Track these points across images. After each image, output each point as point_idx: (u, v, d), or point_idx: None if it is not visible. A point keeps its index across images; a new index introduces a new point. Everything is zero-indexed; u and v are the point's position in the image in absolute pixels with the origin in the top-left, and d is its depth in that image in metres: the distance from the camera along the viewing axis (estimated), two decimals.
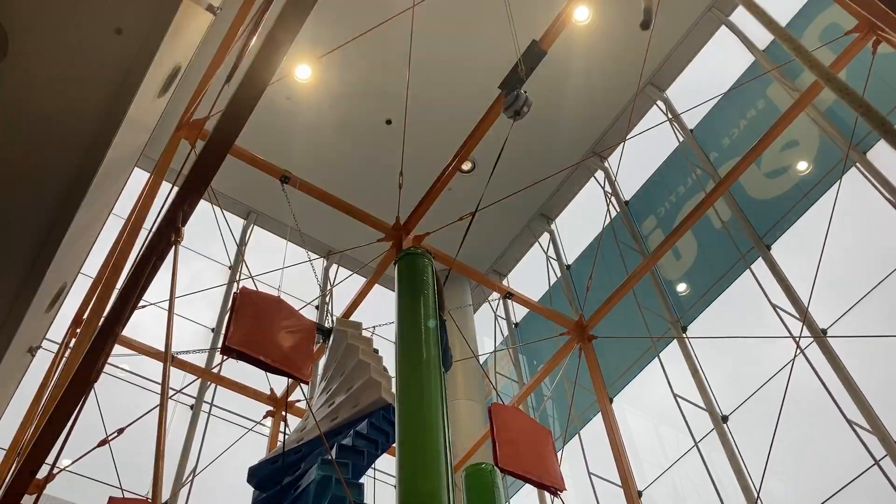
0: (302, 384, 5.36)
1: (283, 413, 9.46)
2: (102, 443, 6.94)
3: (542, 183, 11.97)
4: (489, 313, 15.90)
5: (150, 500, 3.81)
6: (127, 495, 7.63)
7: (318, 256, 15.23)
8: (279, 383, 9.56)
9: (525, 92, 7.39)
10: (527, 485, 7.47)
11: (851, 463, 8.29)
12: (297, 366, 5.16)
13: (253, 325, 5.10)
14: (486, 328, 15.83)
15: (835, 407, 8.42)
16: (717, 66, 13.12)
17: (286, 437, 6.25)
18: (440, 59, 12.80)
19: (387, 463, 9.79)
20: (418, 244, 8.68)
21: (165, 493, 9.41)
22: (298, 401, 9.95)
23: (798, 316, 9.38)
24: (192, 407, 11.70)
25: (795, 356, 8.20)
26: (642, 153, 12.93)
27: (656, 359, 11.50)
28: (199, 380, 11.12)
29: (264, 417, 9.96)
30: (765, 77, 11.14)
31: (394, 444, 4.87)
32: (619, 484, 8.69)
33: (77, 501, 9.49)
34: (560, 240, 15.36)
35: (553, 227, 15.65)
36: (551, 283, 14.83)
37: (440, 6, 12.11)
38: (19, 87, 4.76)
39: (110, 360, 4.83)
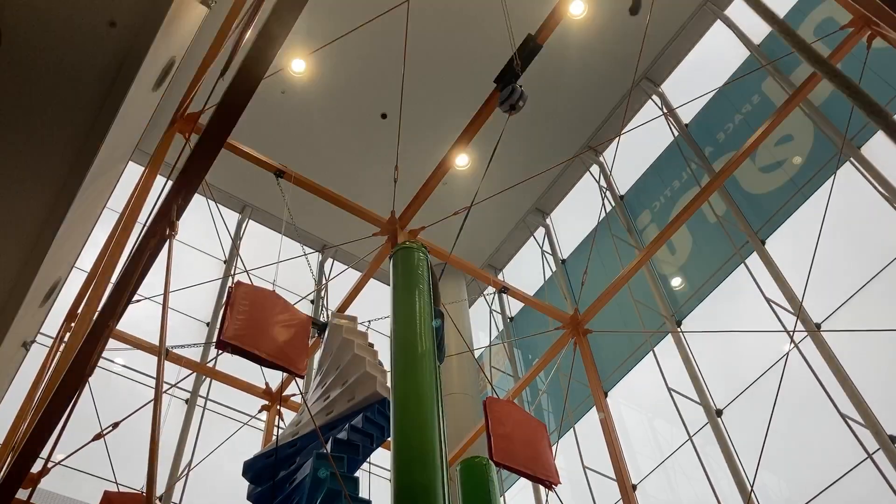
0: (297, 378, 5.37)
1: (279, 407, 9.47)
2: (97, 437, 6.93)
3: (537, 177, 11.98)
4: (484, 307, 15.91)
5: (145, 495, 3.81)
6: (122, 489, 7.63)
7: (313, 251, 15.22)
8: (274, 377, 9.56)
9: (520, 86, 7.39)
10: (522, 478, 7.49)
11: (845, 456, 8.32)
12: (292, 360, 5.16)
13: (248, 320, 5.11)
14: (481, 322, 15.84)
15: (828, 401, 8.45)
16: (712, 60, 13.13)
17: (281, 431, 6.25)
18: (435, 53, 12.78)
19: (382, 457, 9.81)
20: (413, 238, 8.68)
21: (160, 488, 9.41)
22: (293, 395, 9.95)
23: (792, 310, 9.40)
24: (186, 401, 11.69)
25: (789, 350, 8.23)
26: (637, 148, 12.93)
27: (651, 353, 11.53)
28: (194, 374, 11.11)
29: (259, 412, 9.96)
30: (760, 72, 11.15)
31: (389, 438, 4.88)
32: (614, 477, 8.71)
33: (72, 495, 9.48)
34: (555, 234, 15.38)
35: (548, 221, 15.67)
36: (546, 278, 14.85)
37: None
38: (12, 80, 4.74)
39: (105, 354, 4.82)
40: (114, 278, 6.81)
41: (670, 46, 13.35)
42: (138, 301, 6.73)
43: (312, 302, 14.07)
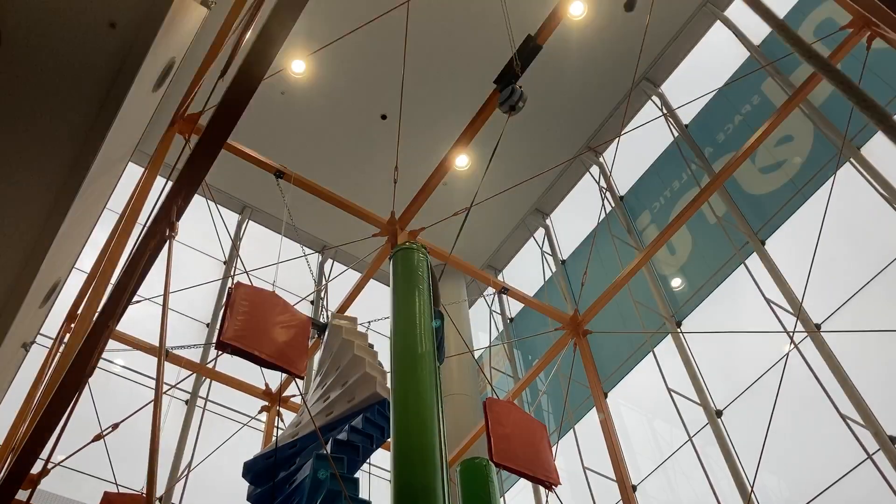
0: (297, 379, 5.36)
1: (278, 408, 9.47)
2: (97, 438, 6.94)
3: (537, 178, 11.98)
4: (484, 308, 15.91)
5: (145, 495, 3.81)
6: (122, 490, 7.63)
7: (313, 251, 15.22)
8: (274, 378, 9.56)
9: (520, 87, 7.39)
10: (521, 479, 7.49)
11: (845, 457, 8.32)
12: (292, 361, 5.16)
13: (248, 321, 5.11)
14: (481, 323, 15.84)
15: (828, 401, 8.45)
16: (712, 61, 13.13)
17: (281, 431, 6.26)
18: (435, 54, 12.78)
19: (382, 457, 9.80)
20: (413, 239, 8.68)
21: (160, 489, 9.40)
22: (293, 396, 9.95)
23: (792, 311, 9.40)
24: (186, 402, 11.68)
25: (789, 351, 8.23)
26: (637, 148, 12.94)
27: (651, 353, 11.53)
28: (194, 375, 11.11)
29: (259, 412, 9.96)
30: (759, 72, 11.15)
31: (388, 439, 4.88)
32: (614, 478, 8.71)
33: (72, 496, 9.48)
34: (555, 235, 15.38)
35: (548, 222, 15.67)
36: (546, 278, 14.85)
37: (435, 0, 12.11)
38: (12, 81, 4.74)
39: (105, 355, 4.82)
40: (114, 279, 6.81)
41: (670, 47, 13.35)
42: (138, 302, 6.73)
43: (312, 303, 14.07)
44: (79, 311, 8.22)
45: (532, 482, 7.45)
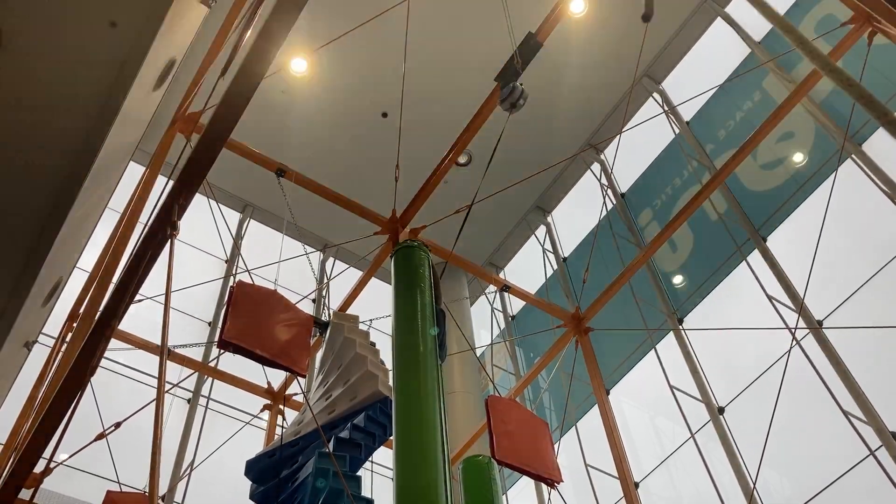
0: (299, 377, 5.37)
1: (281, 406, 9.48)
2: (100, 437, 6.94)
3: (538, 175, 11.96)
4: (486, 306, 15.92)
5: (147, 494, 3.82)
6: (124, 489, 7.64)
7: (314, 250, 15.23)
8: (276, 377, 9.57)
9: (521, 84, 7.38)
10: (524, 477, 7.49)
11: (847, 453, 8.32)
12: (294, 359, 5.16)
13: (250, 319, 5.10)
14: (482, 321, 15.85)
15: (831, 398, 8.45)
16: (713, 58, 13.11)
17: (283, 430, 6.26)
18: (436, 52, 12.78)
19: (384, 455, 9.82)
20: (415, 237, 8.67)
21: (163, 487, 9.42)
22: (296, 394, 9.96)
23: (794, 307, 9.40)
24: (188, 401, 11.70)
25: (791, 347, 8.22)
26: (638, 145, 12.93)
27: (653, 350, 11.52)
28: (196, 373, 11.12)
29: (261, 411, 9.96)
30: (761, 69, 11.13)
31: (391, 437, 4.88)
32: (616, 475, 8.71)
33: (74, 495, 9.49)
34: (556, 232, 15.37)
35: (549, 219, 15.66)
36: (548, 276, 14.85)
37: None
38: (13, 81, 4.74)
39: (107, 354, 4.83)
40: (115, 278, 6.81)
41: (671, 44, 13.34)
42: (140, 301, 6.74)
43: (314, 301, 14.07)
44: (81, 311, 8.23)
45: (534, 480, 7.44)
